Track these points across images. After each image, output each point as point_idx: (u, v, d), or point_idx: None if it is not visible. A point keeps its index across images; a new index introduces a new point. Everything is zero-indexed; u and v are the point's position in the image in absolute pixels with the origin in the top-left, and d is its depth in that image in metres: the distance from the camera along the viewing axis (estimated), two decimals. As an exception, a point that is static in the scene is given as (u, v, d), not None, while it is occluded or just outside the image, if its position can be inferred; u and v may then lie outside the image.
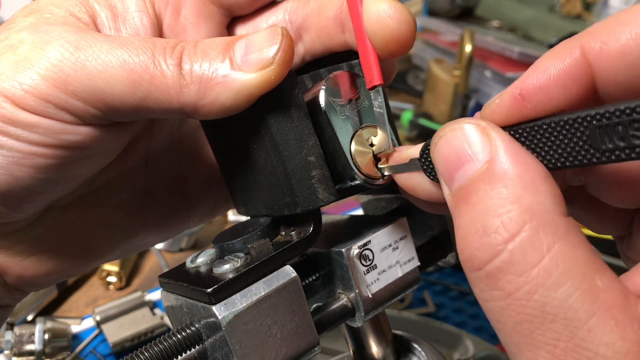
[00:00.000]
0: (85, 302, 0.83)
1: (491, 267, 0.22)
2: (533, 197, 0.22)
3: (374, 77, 0.32)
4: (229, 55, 0.31)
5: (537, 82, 0.25)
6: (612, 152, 0.22)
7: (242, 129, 0.34)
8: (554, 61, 0.25)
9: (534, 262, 0.22)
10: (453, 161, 0.25)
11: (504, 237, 0.22)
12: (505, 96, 0.26)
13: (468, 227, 0.23)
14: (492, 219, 0.23)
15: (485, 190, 0.23)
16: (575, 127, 0.23)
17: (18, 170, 0.31)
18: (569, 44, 0.25)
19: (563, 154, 0.24)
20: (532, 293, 0.22)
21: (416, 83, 1.40)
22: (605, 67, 0.24)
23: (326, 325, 0.35)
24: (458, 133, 0.25)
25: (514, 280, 0.22)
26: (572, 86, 0.24)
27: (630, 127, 0.21)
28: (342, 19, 0.35)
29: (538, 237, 0.22)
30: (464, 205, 0.24)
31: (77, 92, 0.30)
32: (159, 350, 0.31)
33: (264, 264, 0.31)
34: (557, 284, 0.21)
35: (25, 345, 0.70)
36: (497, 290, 0.22)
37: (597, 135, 0.23)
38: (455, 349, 0.69)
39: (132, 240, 0.43)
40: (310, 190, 0.32)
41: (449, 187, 0.25)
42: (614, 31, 0.23)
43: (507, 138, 0.24)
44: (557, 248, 0.21)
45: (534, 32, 1.52)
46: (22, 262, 0.38)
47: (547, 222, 0.22)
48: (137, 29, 0.35)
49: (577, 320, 0.21)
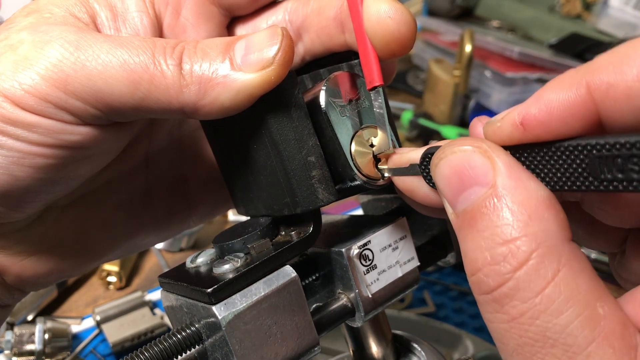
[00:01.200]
0: (85, 302, 0.83)
1: (498, 292, 0.23)
2: (539, 225, 0.23)
3: (374, 78, 0.32)
4: (229, 55, 0.31)
5: (539, 115, 0.25)
6: (610, 182, 0.23)
7: (242, 129, 0.34)
8: (558, 94, 0.24)
9: (538, 289, 0.22)
10: (455, 184, 0.25)
11: (512, 266, 0.23)
12: (506, 122, 0.26)
13: (476, 254, 0.24)
14: (499, 247, 0.23)
15: (490, 216, 0.23)
16: (576, 154, 0.24)
17: (18, 170, 0.31)
18: (575, 78, 0.24)
19: (562, 179, 0.24)
20: (534, 318, 0.22)
21: (416, 83, 1.39)
22: (612, 107, 0.23)
23: (326, 325, 0.35)
24: (460, 155, 0.25)
25: (519, 305, 0.22)
26: (575, 123, 0.24)
27: (629, 161, 0.22)
28: (342, 19, 0.35)
29: (544, 264, 0.22)
30: (469, 229, 0.24)
31: (77, 92, 0.30)
32: (159, 350, 0.31)
33: (264, 264, 0.31)
34: (559, 311, 0.22)
35: (25, 345, 0.70)
36: (502, 314, 0.23)
37: (597, 164, 0.23)
38: (455, 349, 0.69)
39: (132, 240, 0.43)
40: (310, 191, 0.32)
41: (453, 208, 0.26)
42: (620, 70, 0.23)
43: (508, 161, 0.24)
44: (560, 276, 0.22)
45: (534, 32, 1.52)
46: (22, 262, 0.38)
47: (552, 249, 0.22)
48: (137, 29, 0.35)
49: (576, 346, 0.21)
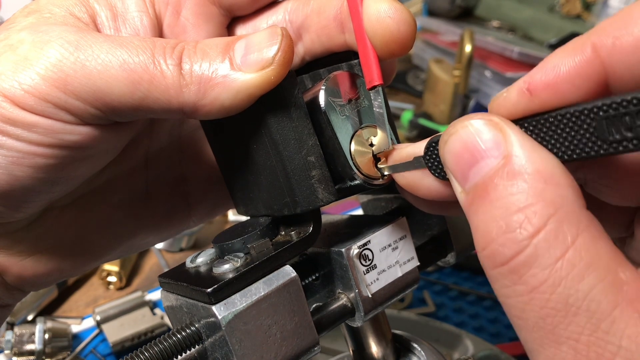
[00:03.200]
0: (85, 302, 0.84)
1: (515, 262, 0.22)
2: (555, 191, 0.22)
3: (373, 77, 0.32)
4: (229, 55, 0.31)
5: (546, 78, 0.24)
6: (620, 142, 0.22)
7: (242, 129, 0.34)
8: (564, 58, 0.24)
9: (558, 254, 0.21)
10: (466, 159, 0.25)
11: (529, 232, 0.22)
12: (512, 90, 0.26)
13: (489, 224, 0.23)
14: (515, 215, 0.22)
15: (504, 186, 0.23)
16: (582, 119, 0.23)
17: (18, 170, 0.31)
18: (579, 41, 0.24)
19: (570, 147, 0.24)
20: (556, 285, 0.21)
21: (416, 83, 1.40)
22: (619, 61, 0.23)
23: (326, 325, 0.35)
24: (469, 129, 0.25)
25: (539, 273, 0.22)
26: (582, 84, 0.24)
27: (637, 117, 0.21)
28: (342, 19, 0.35)
29: (562, 230, 0.22)
30: (481, 202, 0.24)
31: (76, 92, 0.30)
32: (159, 350, 0.31)
33: (264, 264, 0.31)
34: (580, 276, 0.21)
35: (26, 345, 0.70)
36: (520, 285, 0.22)
37: (604, 126, 0.22)
38: (455, 348, 0.70)
39: (132, 240, 0.43)
40: (310, 190, 0.32)
41: (462, 185, 0.25)
42: (626, 25, 0.23)
43: (520, 132, 0.24)
44: (580, 241, 0.21)
45: (533, 32, 1.52)
46: (22, 261, 0.38)
47: (570, 214, 0.22)
48: (137, 29, 0.35)
49: (600, 312, 0.21)
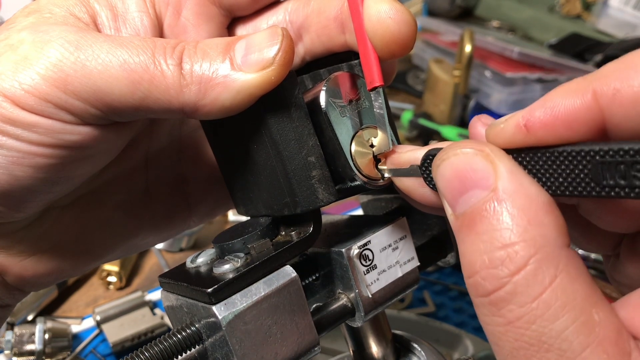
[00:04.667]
0: (85, 302, 0.83)
1: (495, 296, 0.23)
2: (537, 230, 0.23)
3: (374, 78, 0.32)
4: (230, 55, 0.31)
5: (544, 118, 0.25)
6: (613, 188, 0.23)
7: (242, 129, 0.34)
8: (564, 100, 0.25)
9: (535, 294, 0.22)
10: (456, 186, 0.25)
11: (510, 270, 0.23)
12: (510, 123, 0.26)
13: (474, 256, 0.24)
14: (498, 251, 0.23)
15: (489, 220, 0.23)
16: (579, 159, 0.24)
17: (18, 169, 0.31)
18: (581, 84, 0.24)
19: (564, 183, 0.24)
20: (531, 323, 0.22)
21: (416, 83, 1.39)
22: (618, 112, 0.24)
23: (326, 325, 0.35)
24: (462, 158, 0.25)
25: (515, 310, 0.22)
26: (580, 128, 0.24)
27: (632, 168, 0.22)
28: (343, 19, 0.35)
29: (541, 270, 0.22)
30: (468, 232, 0.24)
31: (77, 91, 0.30)
32: (159, 350, 0.31)
33: (264, 264, 0.31)
34: (555, 316, 0.22)
35: (26, 345, 0.70)
36: (498, 317, 0.23)
37: (600, 170, 0.23)
38: (455, 348, 0.69)
39: (132, 240, 0.43)
40: (310, 191, 0.32)
41: (453, 210, 0.26)
42: (627, 77, 0.23)
43: (510, 165, 0.24)
44: (557, 281, 0.22)
45: (533, 32, 1.52)
46: (22, 262, 0.38)
47: (550, 255, 0.22)
48: (137, 29, 0.35)
49: (570, 352, 0.21)
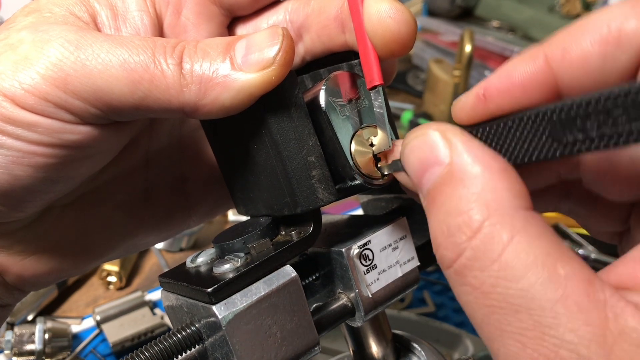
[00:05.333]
0: (85, 302, 0.83)
1: (458, 264, 0.23)
2: (490, 195, 0.23)
3: (374, 77, 0.32)
4: (230, 55, 0.31)
5: (500, 84, 0.26)
6: (573, 144, 0.23)
7: (242, 129, 0.34)
8: (518, 66, 0.26)
9: (494, 256, 0.22)
10: (418, 167, 0.26)
11: (466, 235, 0.23)
12: (470, 95, 0.27)
13: (436, 229, 0.24)
14: (454, 219, 0.23)
15: (447, 192, 0.24)
16: (538, 122, 0.24)
17: (18, 169, 0.31)
18: (534, 51, 0.26)
19: (529, 149, 0.25)
20: (495, 286, 0.22)
21: (416, 83, 1.39)
22: (567, 73, 0.24)
23: (326, 325, 0.35)
24: (421, 139, 0.26)
25: (479, 275, 0.23)
26: (534, 91, 0.25)
27: (587, 119, 0.22)
28: (343, 19, 0.35)
29: (497, 232, 0.22)
30: (431, 207, 0.25)
31: (76, 91, 0.30)
32: (159, 350, 0.31)
33: (264, 263, 0.31)
34: (517, 276, 0.22)
35: (26, 345, 0.70)
36: (465, 286, 0.23)
37: (558, 128, 0.23)
38: (455, 348, 0.69)
39: (132, 240, 0.43)
40: (310, 190, 0.32)
41: (420, 192, 0.26)
42: (575, 39, 0.24)
43: (466, 139, 0.25)
44: (515, 241, 0.22)
45: (533, 33, 1.52)
46: (22, 261, 0.38)
47: (505, 217, 0.22)
48: (137, 29, 0.35)
49: (540, 309, 0.21)
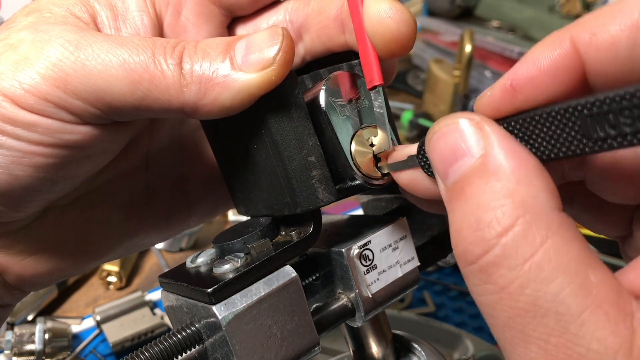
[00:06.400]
0: (85, 302, 0.83)
1: (484, 261, 0.22)
2: (527, 191, 0.22)
3: (374, 78, 0.32)
4: (230, 55, 0.31)
5: (528, 73, 0.25)
6: (604, 140, 0.22)
7: (242, 129, 0.34)
8: (544, 52, 0.25)
9: (526, 256, 0.21)
10: (447, 156, 0.25)
11: (497, 231, 0.22)
12: (496, 88, 0.26)
13: (462, 221, 0.23)
14: (485, 213, 0.22)
15: (478, 184, 0.23)
16: (567, 117, 0.23)
17: (18, 169, 0.31)
18: (559, 34, 0.25)
19: (556, 145, 0.24)
20: (524, 287, 0.21)
21: (416, 83, 1.39)
22: (595, 58, 0.23)
23: (326, 325, 0.35)
24: (452, 127, 0.25)
25: (507, 274, 0.22)
26: (563, 77, 0.24)
27: (620, 114, 0.21)
28: (343, 19, 0.35)
29: (531, 231, 0.21)
30: (457, 199, 0.24)
31: (76, 91, 0.30)
32: (159, 350, 0.31)
33: (264, 264, 0.31)
34: (549, 279, 0.21)
35: (26, 345, 0.70)
36: (490, 284, 0.22)
37: (589, 124, 0.22)
38: (455, 349, 0.69)
39: (132, 240, 0.43)
40: (310, 190, 0.32)
41: (444, 182, 0.25)
42: (604, 22, 0.23)
43: (500, 131, 0.24)
44: (550, 243, 0.21)
45: (533, 32, 1.52)
46: (22, 261, 0.38)
47: (541, 216, 0.22)
48: (137, 29, 0.35)
49: (569, 315, 0.21)
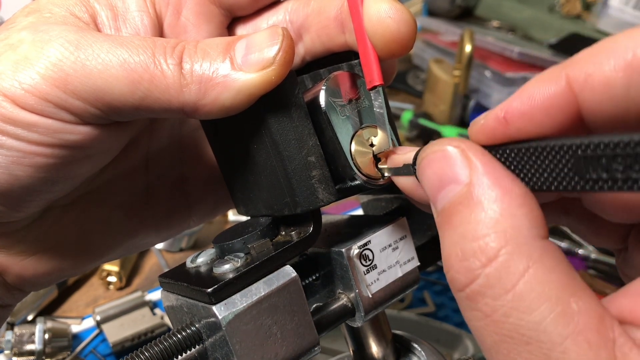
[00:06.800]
0: (85, 302, 0.83)
1: (470, 289, 0.23)
2: (509, 222, 0.23)
3: (374, 78, 0.32)
4: (230, 55, 0.31)
5: (522, 107, 0.25)
6: (596, 182, 0.22)
7: (242, 129, 0.34)
8: (539, 88, 0.25)
9: (508, 286, 0.22)
10: (435, 182, 0.25)
11: (481, 262, 0.23)
12: (489, 118, 0.26)
13: (450, 250, 0.24)
14: (470, 243, 0.23)
15: (464, 214, 0.23)
16: (561, 154, 0.23)
17: (18, 169, 0.31)
18: (555, 72, 0.25)
19: (548, 179, 0.24)
20: (507, 316, 0.22)
21: (416, 83, 1.39)
22: (590, 98, 0.24)
23: (326, 325, 0.35)
24: (439, 155, 0.25)
25: (491, 303, 0.22)
26: (556, 114, 0.25)
27: (613, 160, 0.21)
28: (343, 19, 0.35)
29: (513, 261, 0.22)
30: (446, 227, 0.24)
31: (76, 91, 0.30)
32: (159, 350, 0.31)
33: (264, 264, 0.31)
34: (531, 308, 0.21)
35: (26, 345, 0.70)
36: (476, 311, 0.23)
37: (582, 164, 0.23)
38: (455, 349, 0.69)
39: (132, 240, 0.43)
40: (310, 190, 0.32)
41: (434, 206, 0.26)
42: (599, 62, 0.23)
43: (487, 160, 0.24)
44: (531, 272, 0.22)
45: (533, 32, 1.52)
46: (22, 261, 0.38)
47: (522, 246, 0.22)
48: (137, 29, 0.35)
49: (550, 343, 0.21)
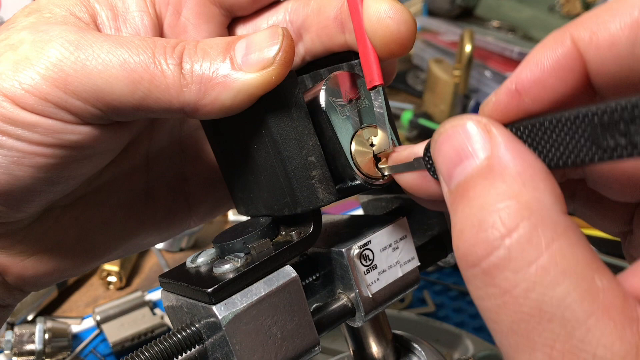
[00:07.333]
0: (85, 302, 0.84)
1: (487, 263, 0.22)
2: (532, 194, 0.22)
3: (374, 77, 0.32)
4: (230, 55, 0.31)
5: (532, 75, 0.24)
6: (614, 149, 0.21)
7: (242, 129, 0.34)
8: (546, 52, 0.24)
9: (531, 259, 0.21)
10: (452, 158, 0.24)
11: (501, 233, 0.21)
12: (501, 93, 0.25)
13: (464, 223, 0.23)
14: (489, 214, 0.22)
15: (483, 185, 0.22)
16: (577, 124, 0.22)
17: (18, 169, 0.31)
18: (559, 34, 0.24)
19: (565, 152, 0.23)
20: (529, 291, 0.21)
21: (416, 83, 1.39)
22: (595, 56, 0.23)
23: (326, 325, 0.35)
24: (459, 129, 0.24)
25: (511, 277, 0.21)
26: (567, 76, 0.24)
27: (632, 123, 0.20)
28: (343, 19, 0.35)
29: (536, 233, 0.21)
30: (461, 201, 0.23)
31: (77, 91, 0.30)
32: (159, 350, 0.31)
33: (264, 264, 0.31)
34: (555, 282, 0.20)
35: (26, 345, 0.70)
36: (493, 288, 0.22)
37: (599, 131, 0.22)
38: (455, 348, 0.69)
39: (132, 240, 0.43)
40: (310, 190, 0.32)
41: (448, 184, 0.25)
42: (603, 21, 0.23)
43: (507, 134, 0.23)
44: (556, 246, 0.21)
45: (533, 32, 1.52)
46: (23, 262, 0.38)
47: (546, 219, 0.21)
48: (137, 29, 0.35)
49: (574, 320, 0.20)
